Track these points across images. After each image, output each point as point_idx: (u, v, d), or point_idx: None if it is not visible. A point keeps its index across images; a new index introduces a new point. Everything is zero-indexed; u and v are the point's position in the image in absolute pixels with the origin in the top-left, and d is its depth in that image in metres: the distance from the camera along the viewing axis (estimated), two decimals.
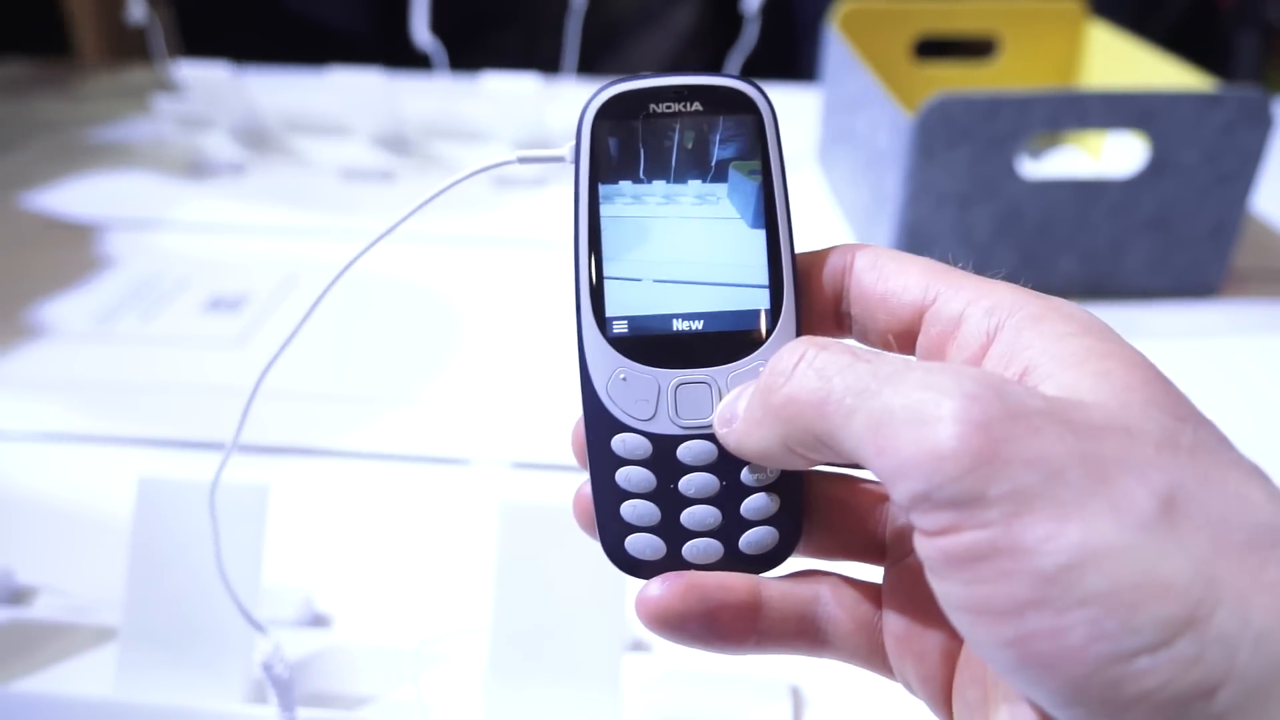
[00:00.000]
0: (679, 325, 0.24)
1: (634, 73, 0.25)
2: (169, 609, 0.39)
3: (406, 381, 0.62)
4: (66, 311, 0.68)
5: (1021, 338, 0.21)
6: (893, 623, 0.23)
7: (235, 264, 0.76)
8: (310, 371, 0.62)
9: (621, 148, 0.24)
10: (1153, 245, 0.69)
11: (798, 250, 0.25)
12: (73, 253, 0.77)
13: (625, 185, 0.24)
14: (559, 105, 0.90)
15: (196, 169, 0.91)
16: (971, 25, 0.89)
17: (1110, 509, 0.17)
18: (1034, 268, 0.68)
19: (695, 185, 0.25)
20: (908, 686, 0.24)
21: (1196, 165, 0.66)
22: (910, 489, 0.18)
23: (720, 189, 0.25)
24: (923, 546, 0.18)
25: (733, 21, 0.97)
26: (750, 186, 0.25)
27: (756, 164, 0.25)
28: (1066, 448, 0.17)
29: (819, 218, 0.83)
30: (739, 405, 0.23)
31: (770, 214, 0.25)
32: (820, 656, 0.24)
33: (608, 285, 0.24)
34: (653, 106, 0.24)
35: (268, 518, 0.39)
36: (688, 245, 0.24)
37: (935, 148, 0.64)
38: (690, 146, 0.24)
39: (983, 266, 0.23)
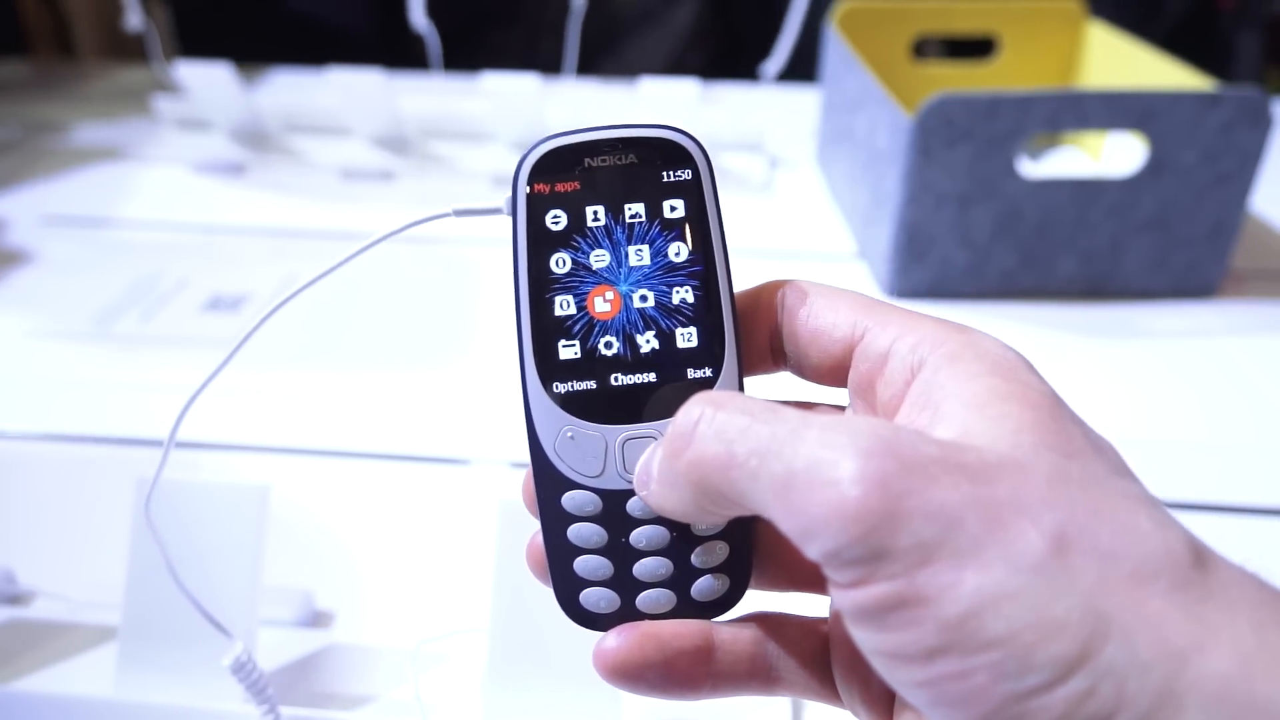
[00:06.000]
0: (623, 380, 0.24)
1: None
2: (168, 609, 0.39)
3: (406, 381, 0.62)
4: (67, 312, 0.68)
5: (937, 377, 0.22)
6: (839, 651, 0.24)
7: (235, 264, 0.76)
8: (310, 372, 0.62)
9: (557, 203, 0.24)
10: (1152, 245, 0.69)
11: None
12: (72, 253, 0.77)
13: (562, 240, 0.24)
14: (559, 105, 0.90)
15: (196, 169, 0.91)
16: (971, 25, 0.89)
17: (1004, 553, 0.17)
18: (1033, 268, 0.68)
19: (633, 237, 0.24)
20: (855, 713, 0.24)
21: (1195, 165, 0.66)
22: (820, 548, 0.19)
23: (658, 240, 0.24)
24: (837, 598, 0.19)
25: (732, 21, 0.97)
26: (688, 237, 0.24)
27: (694, 215, 0.24)
28: (962, 495, 0.18)
29: (819, 218, 0.83)
30: (652, 466, 0.23)
31: (709, 264, 0.24)
32: (773, 694, 0.25)
33: (549, 343, 0.24)
34: (588, 160, 0.24)
35: (268, 518, 0.39)
36: (627, 298, 0.24)
37: (934, 148, 0.64)
38: (627, 199, 0.24)
39: (982, 266, 0.23)
